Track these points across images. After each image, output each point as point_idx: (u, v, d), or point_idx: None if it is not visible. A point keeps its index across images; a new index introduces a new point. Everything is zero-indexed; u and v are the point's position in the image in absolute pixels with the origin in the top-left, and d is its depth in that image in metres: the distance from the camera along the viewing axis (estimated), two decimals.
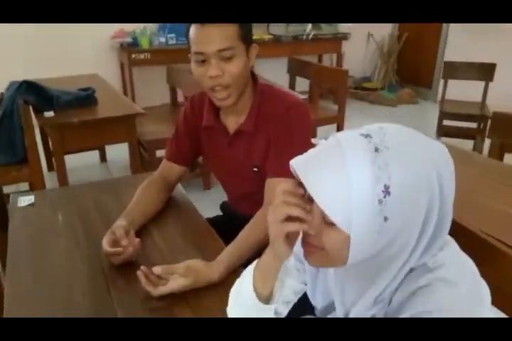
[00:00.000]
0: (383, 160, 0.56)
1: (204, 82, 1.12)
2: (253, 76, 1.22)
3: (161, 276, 0.93)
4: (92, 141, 2.35)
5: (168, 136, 2.48)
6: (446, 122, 3.37)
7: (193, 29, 1.09)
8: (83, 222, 1.23)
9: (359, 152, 0.57)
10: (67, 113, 2.19)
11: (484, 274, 0.93)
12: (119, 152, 3.26)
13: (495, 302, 1.13)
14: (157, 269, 0.93)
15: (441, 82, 3.46)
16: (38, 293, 0.96)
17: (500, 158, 2.27)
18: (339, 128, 3.25)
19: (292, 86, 3.57)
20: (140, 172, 2.44)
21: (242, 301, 0.74)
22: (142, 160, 2.66)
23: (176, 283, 0.92)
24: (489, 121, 2.80)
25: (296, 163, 0.62)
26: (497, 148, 2.24)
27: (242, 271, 0.80)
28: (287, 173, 1.02)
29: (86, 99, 2.27)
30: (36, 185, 2.24)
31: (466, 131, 3.38)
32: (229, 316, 0.78)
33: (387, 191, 0.55)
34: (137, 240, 1.05)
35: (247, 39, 1.12)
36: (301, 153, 1.10)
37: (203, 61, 1.10)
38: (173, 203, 1.33)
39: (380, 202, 0.55)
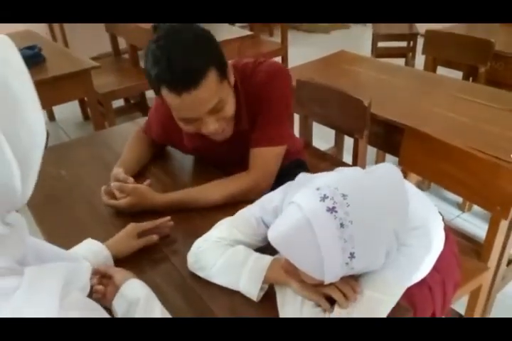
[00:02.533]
0: (348, 234, 0.67)
1: (201, 132, 1.08)
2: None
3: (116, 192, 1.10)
4: (46, 100, 2.30)
5: (120, 87, 2.47)
6: (380, 44, 3.56)
7: (168, 95, 0.98)
8: (86, 175, 1.32)
9: (327, 232, 0.67)
10: None
11: (443, 168, 1.19)
12: (66, 110, 3.20)
13: (451, 187, 1.42)
14: (115, 184, 1.10)
15: None
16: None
17: (434, 70, 2.54)
18: (283, 61, 3.36)
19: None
20: (102, 126, 2.47)
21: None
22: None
23: (123, 201, 1.09)
24: (418, 39, 3.05)
25: (275, 242, 0.72)
26: (430, 63, 2.50)
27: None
28: (271, 142, 1.15)
29: (34, 57, 2.18)
30: None
31: (398, 50, 3.61)
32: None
33: (352, 256, 0.69)
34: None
35: (224, 71, 1.02)
36: (282, 120, 1.18)
37: (193, 119, 1.05)
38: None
39: (347, 263, 0.69)
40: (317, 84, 1.70)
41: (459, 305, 1.63)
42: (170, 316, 0.78)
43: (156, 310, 0.78)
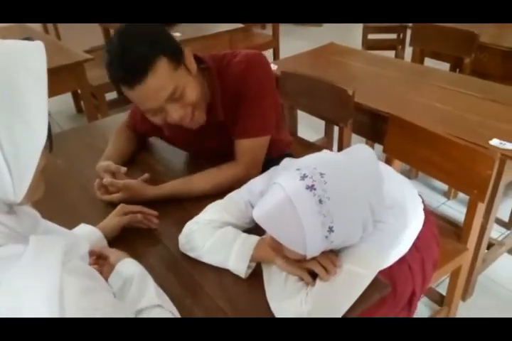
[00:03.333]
0: (326, 209, 0.73)
1: (170, 122, 1.09)
2: (201, 60, 1.14)
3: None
4: None
5: None
6: (371, 36, 3.61)
7: (126, 91, 1.00)
8: (81, 164, 1.36)
9: (307, 208, 0.72)
10: None
11: (426, 155, 1.23)
12: (58, 102, 3.22)
13: (434, 173, 1.48)
14: (106, 180, 1.14)
15: None
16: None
17: (421, 62, 2.59)
18: (275, 53, 3.40)
19: None
20: (95, 118, 2.50)
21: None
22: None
23: (115, 196, 1.14)
24: (408, 31, 3.09)
25: (260, 220, 0.77)
26: (418, 54, 2.55)
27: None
28: (258, 132, 1.17)
29: None
30: None
31: (388, 42, 3.66)
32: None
33: (331, 230, 0.74)
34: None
35: (178, 59, 1.02)
36: (264, 110, 1.18)
37: (156, 110, 1.05)
38: None
39: (326, 237, 0.75)
40: (301, 75, 1.75)
41: (442, 287, 1.70)
42: (161, 291, 0.84)
43: (150, 286, 0.83)
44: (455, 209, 2.21)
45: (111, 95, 3.23)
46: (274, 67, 1.99)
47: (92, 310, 0.49)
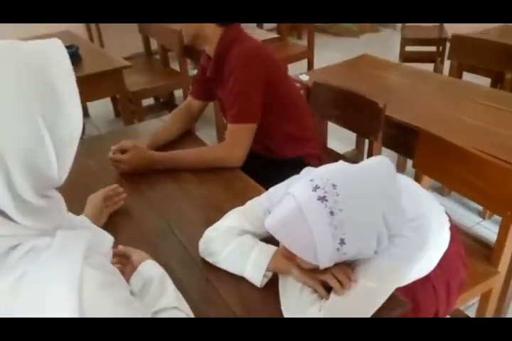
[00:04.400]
0: (338, 221, 0.72)
1: None
2: (229, 27, 1.34)
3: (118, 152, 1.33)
4: (82, 97, 2.43)
5: (150, 86, 2.70)
6: (408, 48, 3.56)
7: None
8: (109, 166, 1.40)
9: (318, 219, 0.72)
10: None
11: (457, 173, 1.19)
12: (99, 106, 3.36)
13: (465, 192, 1.43)
14: (121, 142, 1.33)
15: None
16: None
17: (459, 76, 2.53)
18: (309, 64, 3.40)
19: (260, 24, 3.63)
20: (131, 122, 2.58)
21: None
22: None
23: (124, 155, 1.33)
24: (447, 44, 3.03)
25: (271, 229, 0.78)
26: (456, 68, 2.49)
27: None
28: (241, 119, 1.34)
29: (71, 56, 2.30)
30: None
31: (427, 54, 3.59)
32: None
33: (342, 242, 0.73)
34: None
35: None
36: (250, 99, 1.37)
37: None
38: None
39: (338, 249, 0.74)
40: (332, 86, 1.75)
41: (471, 311, 1.63)
42: (179, 293, 0.85)
43: (169, 288, 0.85)
44: (490, 230, 2.12)
45: (148, 101, 3.35)
46: (305, 77, 1.99)
47: (108, 305, 0.51)
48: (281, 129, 1.49)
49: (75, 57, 2.36)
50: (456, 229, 1.17)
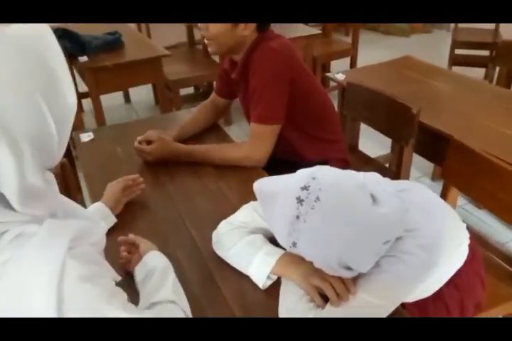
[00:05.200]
0: (297, 228, 0.72)
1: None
2: (261, 32, 1.32)
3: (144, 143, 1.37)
4: (122, 82, 2.51)
5: (190, 76, 2.73)
6: (459, 51, 3.40)
7: None
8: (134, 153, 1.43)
9: (284, 212, 0.74)
10: (99, 57, 2.33)
11: (487, 187, 1.14)
12: (140, 93, 3.44)
13: (494, 209, 1.37)
14: (147, 133, 1.37)
15: None
16: None
17: (508, 85, 2.39)
18: (352, 62, 3.33)
19: None
20: (169, 110, 2.63)
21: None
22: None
23: (149, 145, 1.36)
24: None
25: (255, 191, 0.83)
26: (504, 76, 2.35)
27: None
28: (264, 120, 1.33)
29: (114, 42, 2.39)
30: (76, 125, 2.44)
31: (479, 59, 3.41)
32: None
33: (294, 244, 0.74)
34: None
35: None
36: (274, 99, 1.35)
37: None
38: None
39: (290, 247, 0.76)
40: (366, 87, 1.70)
41: None
42: (181, 287, 0.87)
43: (169, 281, 0.86)
44: None
45: (188, 90, 3.40)
46: (341, 76, 1.95)
47: (88, 297, 0.53)
48: (305, 131, 1.46)
49: (118, 44, 2.42)
50: (477, 248, 1.11)
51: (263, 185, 0.83)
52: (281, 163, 1.39)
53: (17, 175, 0.51)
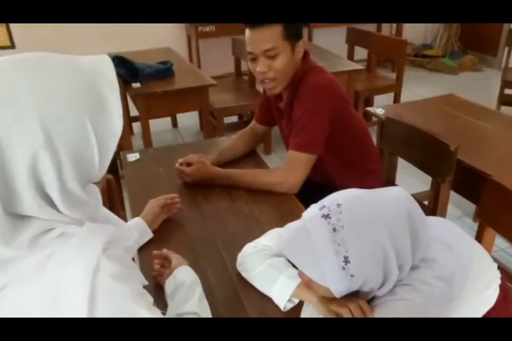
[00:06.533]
0: (340, 238, 0.74)
1: (256, 75, 1.38)
2: (305, 57, 1.39)
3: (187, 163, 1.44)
4: (170, 108, 2.67)
5: (234, 105, 2.79)
6: (509, 91, 3.34)
7: (246, 31, 1.32)
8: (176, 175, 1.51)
9: (321, 235, 0.75)
10: (150, 84, 2.50)
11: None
12: (188, 119, 3.61)
13: None
14: (187, 156, 1.45)
15: (506, 49, 3.41)
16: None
17: None
18: (396, 97, 3.35)
19: (351, 55, 3.67)
20: (212, 136, 2.74)
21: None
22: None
23: (189, 168, 1.42)
24: None
25: (281, 247, 0.83)
26: None
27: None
28: (303, 148, 1.37)
29: (165, 71, 2.56)
30: (125, 146, 2.60)
31: None
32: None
33: (346, 260, 0.74)
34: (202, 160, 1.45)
35: (292, 37, 1.31)
36: (315, 130, 1.39)
37: (254, 58, 1.33)
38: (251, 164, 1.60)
39: (344, 268, 0.75)
40: (404, 123, 1.72)
41: None
42: (206, 302, 0.91)
43: (196, 295, 0.90)
44: None
45: (232, 119, 3.53)
46: (381, 111, 1.98)
47: (117, 294, 0.58)
48: (343, 159, 1.51)
49: (169, 72, 2.59)
50: (510, 290, 1.08)
51: (282, 237, 0.83)
52: (314, 187, 1.42)
53: (58, 182, 0.57)
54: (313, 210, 0.79)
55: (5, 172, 0.55)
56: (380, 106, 2.11)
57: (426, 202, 2.12)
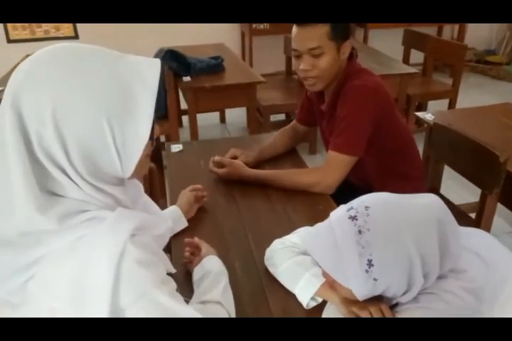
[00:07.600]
0: (365, 240, 0.73)
1: (298, 72, 1.38)
2: (351, 58, 1.39)
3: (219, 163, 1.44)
4: (218, 103, 2.72)
5: (282, 103, 2.77)
6: None
7: (293, 28, 1.32)
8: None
9: (346, 236, 0.74)
10: (200, 78, 2.57)
11: None
12: (236, 115, 3.65)
13: None
14: (217, 158, 1.44)
15: None
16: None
17: None
18: (451, 104, 3.22)
19: (406, 58, 3.56)
20: (257, 133, 2.76)
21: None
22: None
23: (221, 170, 1.42)
24: None
25: (307, 247, 0.84)
26: None
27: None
28: (343, 149, 1.36)
29: (216, 66, 2.61)
30: (172, 138, 2.69)
31: None
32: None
33: (370, 263, 0.73)
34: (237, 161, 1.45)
35: (339, 37, 1.30)
36: (358, 132, 1.38)
37: (299, 56, 1.33)
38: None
39: (367, 271, 0.74)
40: (452, 130, 1.66)
41: None
42: (230, 292, 0.93)
43: (221, 284, 0.93)
44: None
45: (279, 117, 3.53)
46: (430, 117, 1.92)
47: (140, 278, 0.61)
48: (384, 163, 1.48)
49: (219, 68, 2.65)
50: None
51: (308, 235, 0.85)
52: (352, 189, 1.40)
53: (70, 166, 0.60)
54: (341, 211, 0.79)
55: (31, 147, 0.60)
56: (431, 111, 2.05)
57: (473, 215, 2.02)
